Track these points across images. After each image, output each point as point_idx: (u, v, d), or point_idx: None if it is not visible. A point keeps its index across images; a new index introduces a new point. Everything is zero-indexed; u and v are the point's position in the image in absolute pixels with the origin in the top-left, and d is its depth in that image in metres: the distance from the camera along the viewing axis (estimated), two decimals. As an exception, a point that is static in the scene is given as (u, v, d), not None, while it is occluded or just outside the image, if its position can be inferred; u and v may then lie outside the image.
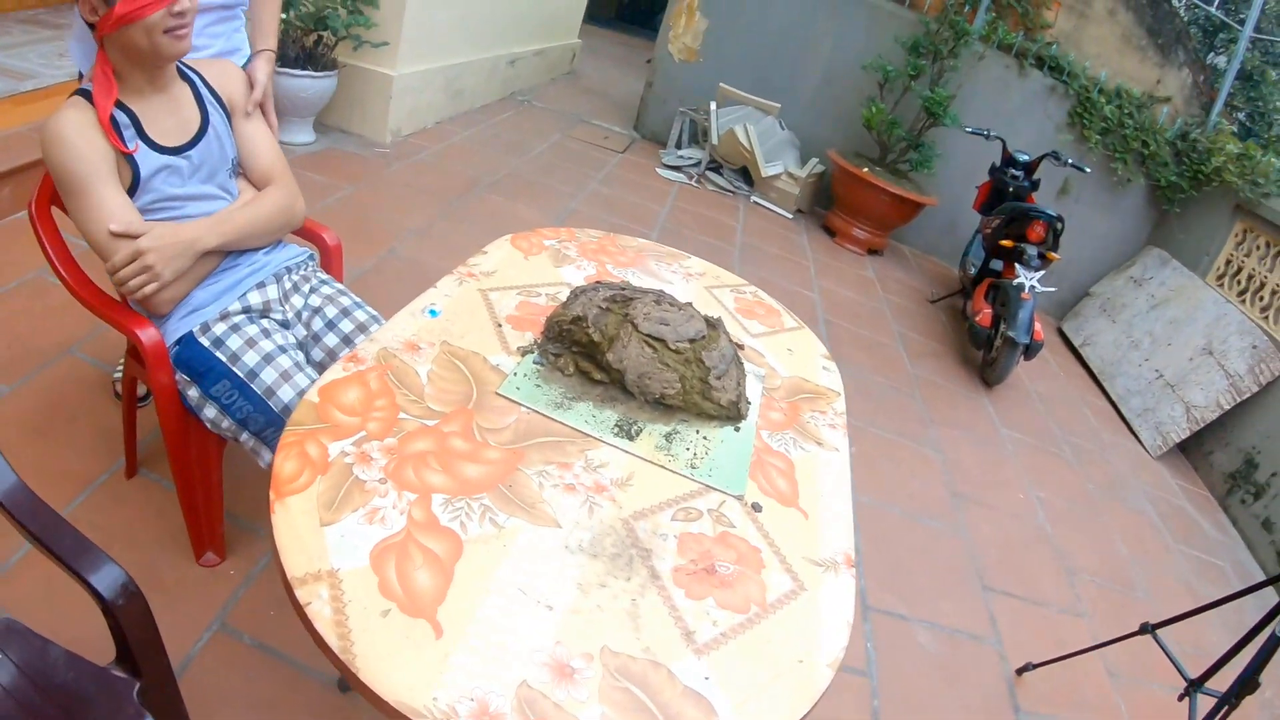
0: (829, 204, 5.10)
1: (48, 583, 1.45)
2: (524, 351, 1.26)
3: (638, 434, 1.15)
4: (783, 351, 1.53)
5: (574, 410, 1.16)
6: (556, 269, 1.58)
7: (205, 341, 1.39)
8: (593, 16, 10.91)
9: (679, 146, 5.35)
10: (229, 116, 1.51)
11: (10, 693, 0.93)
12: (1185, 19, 5.23)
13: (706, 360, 1.22)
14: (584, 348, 1.24)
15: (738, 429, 1.24)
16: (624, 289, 1.32)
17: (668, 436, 1.17)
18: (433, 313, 1.31)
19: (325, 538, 0.85)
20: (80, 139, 1.26)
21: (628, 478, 1.06)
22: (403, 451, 0.99)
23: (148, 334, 1.34)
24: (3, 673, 0.95)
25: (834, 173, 4.93)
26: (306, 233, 1.69)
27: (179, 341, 1.40)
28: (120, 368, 1.98)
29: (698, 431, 1.20)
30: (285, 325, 1.52)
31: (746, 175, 5.17)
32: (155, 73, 1.35)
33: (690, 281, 1.70)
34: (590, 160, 4.90)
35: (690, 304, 1.33)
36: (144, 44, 1.27)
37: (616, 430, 1.14)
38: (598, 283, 1.36)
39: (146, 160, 1.33)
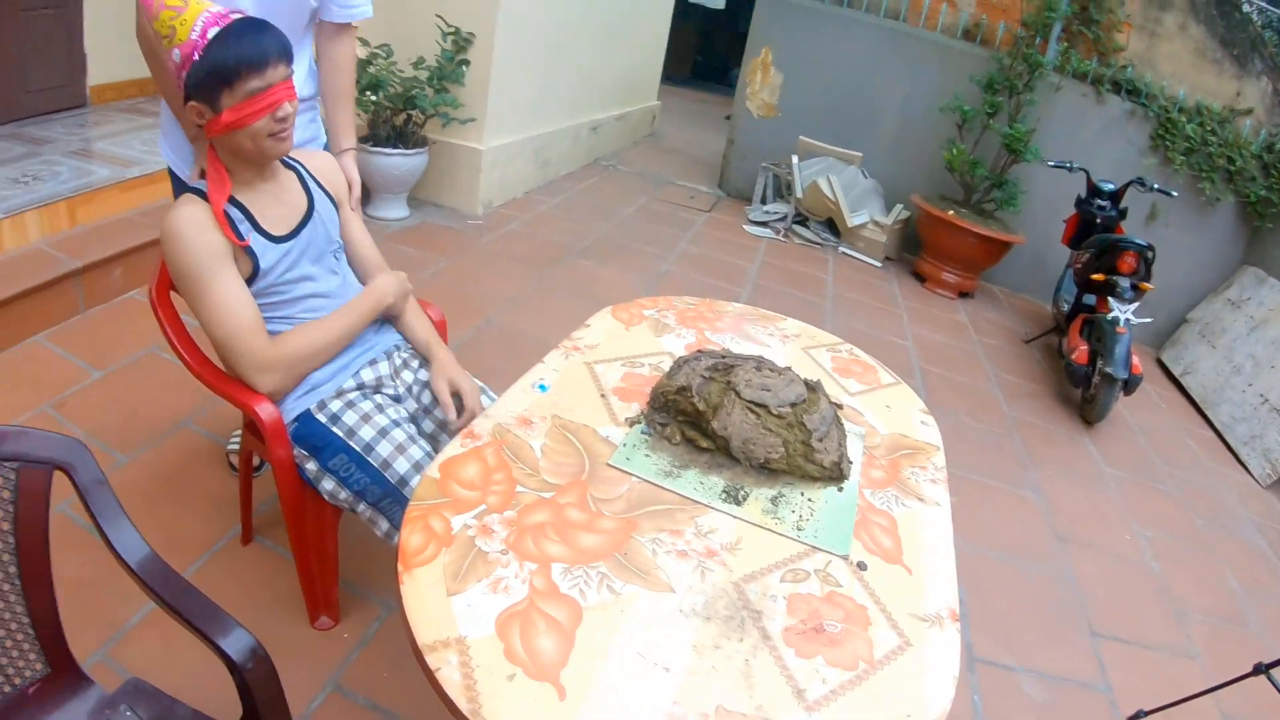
0: (917, 249, 5.06)
1: (166, 644, 1.56)
2: (631, 422, 1.32)
3: (745, 499, 1.18)
4: (881, 408, 1.54)
5: (683, 478, 1.20)
6: (657, 338, 1.64)
7: (322, 418, 1.48)
8: (669, 76, 11.14)
9: (764, 202, 5.42)
10: (335, 204, 1.63)
11: None
12: (1259, 25, 5.01)
13: (808, 423, 1.24)
14: (689, 417, 1.29)
15: (841, 489, 1.26)
16: (725, 357, 1.37)
17: (774, 500, 1.19)
18: (542, 388, 1.38)
19: (452, 607, 0.91)
20: (198, 236, 1.36)
21: (736, 542, 1.09)
22: (522, 523, 1.05)
23: (267, 411, 1.43)
24: (122, 713, 1.03)
25: (919, 218, 4.90)
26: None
27: (297, 418, 1.49)
28: (234, 440, 2.12)
29: (802, 494, 1.22)
30: (397, 399, 1.60)
31: (833, 226, 5.18)
32: (260, 168, 1.46)
33: (787, 344, 1.73)
34: (678, 221, 5.01)
35: (789, 368, 1.37)
36: (249, 146, 1.38)
37: (724, 496, 1.18)
38: (699, 351, 1.41)
39: (264, 252, 1.44)
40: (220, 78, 1.30)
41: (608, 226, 4.63)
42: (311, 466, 1.48)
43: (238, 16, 1.35)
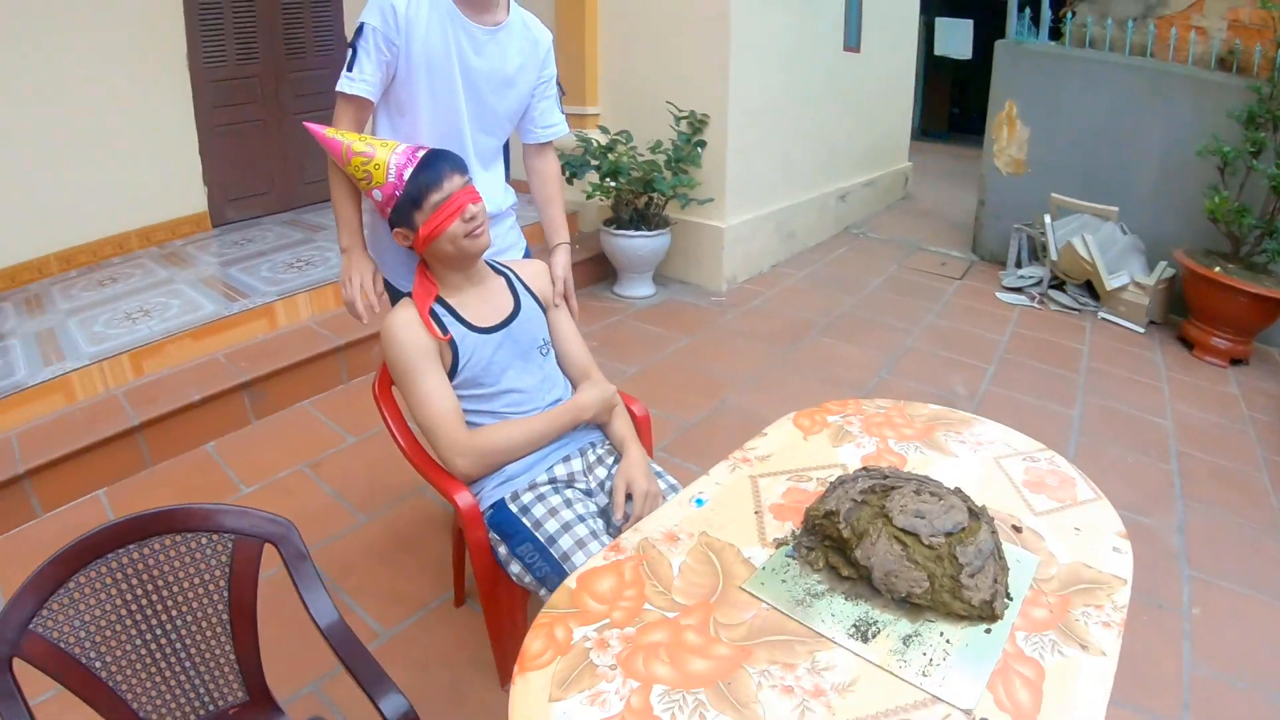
0: (1184, 311, 4.37)
1: (351, 695, 1.76)
2: (779, 544, 1.31)
3: (874, 635, 1.12)
4: (1068, 531, 1.37)
5: (814, 608, 1.17)
6: (834, 449, 1.61)
7: (514, 508, 1.63)
8: (925, 132, 10.58)
9: (1018, 266, 5.01)
10: (542, 308, 1.80)
11: None
12: None
13: (960, 556, 1.15)
14: (835, 542, 1.25)
15: (989, 630, 1.14)
16: (886, 478, 1.31)
17: (906, 639, 1.12)
18: (699, 502, 1.42)
19: (550, 713, 0.97)
20: (407, 335, 1.59)
21: (851, 682, 1.04)
22: (639, 641, 1.09)
23: (464, 499, 1.62)
24: None
25: (1184, 275, 4.23)
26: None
27: (493, 505, 1.66)
28: None
29: (941, 633, 1.13)
30: (588, 494, 1.71)
31: (1092, 290, 4.65)
32: (468, 270, 1.67)
33: (979, 452, 1.61)
34: (926, 291, 4.80)
35: (957, 490, 1.28)
36: (451, 249, 1.60)
37: (852, 631, 1.13)
38: (862, 470, 1.37)
39: (465, 342, 1.64)
40: (411, 203, 1.57)
41: (853, 300, 4.54)
42: (503, 550, 1.64)
43: (422, 152, 1.61)
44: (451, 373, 1.64)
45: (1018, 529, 1.35)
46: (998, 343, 4.10)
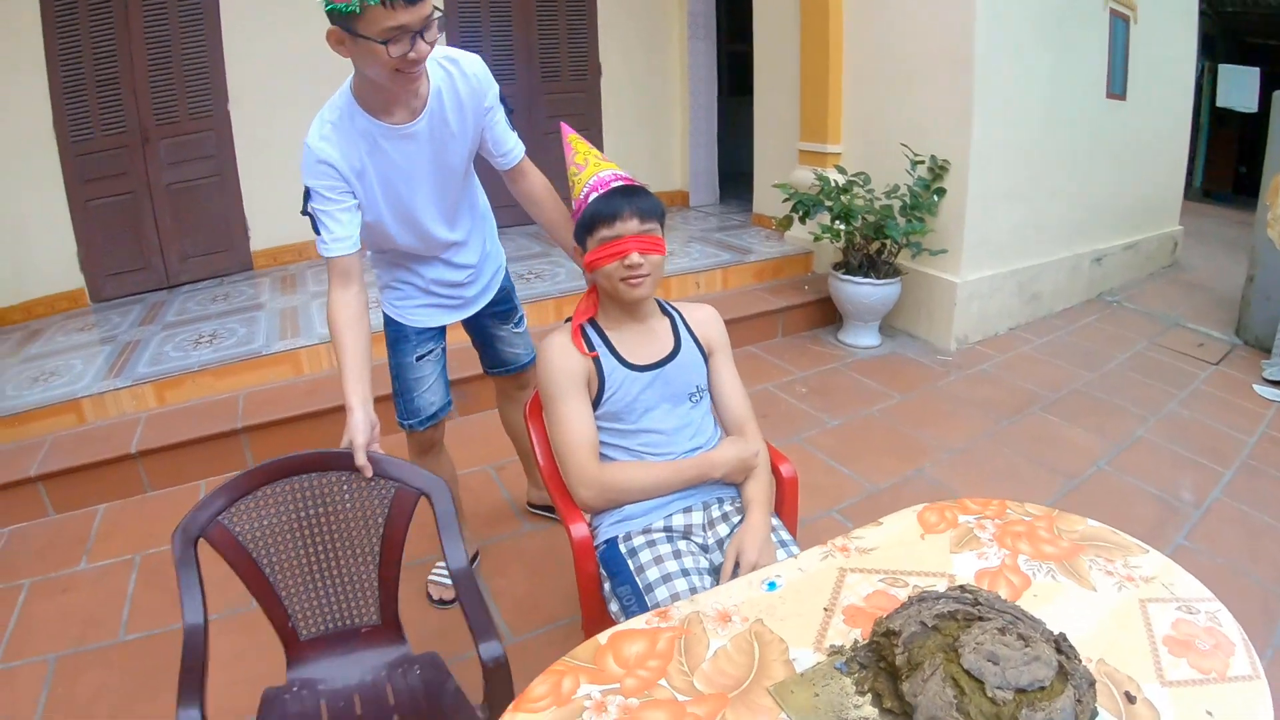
0: None
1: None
2: (833, 652, 1.19)
3: None
4: (1198, 714, 1.09)
5: None
6: (952, 554, 1.43)
7: (624, 548, 1.64)
8: (1206, 193, 9.04)
9: (1286, 356, 4.10)
10: (704, 354, 1.78)
11: (407, 689, 1.54)
12: None
13: None
14: (890, 668, 1.12)
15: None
16: (976, 604, 1.15)
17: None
18: (771, 586, 1.33)
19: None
20: (558, 358, 1.65)
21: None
22: (636, 715, 1.05)
23: (578, 530, 1.65)
24: (413, 678, 1.57)
25: None
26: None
27: (606, 541, 1.68)
28: (437, 570, 2.45)
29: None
30: (704, 549, 1.67)
31: None
32: (627, 306, 1.69)
33: (1124, 590, 1.33)
34: (1175, 374, 4.11)
35: (1058, 638, 1.08)
36: (606, 285, 1.65)
37: None
38: (957, 588, 1.21)
39: (613, 375, 1.67)
40: (585, 227, 1.64)
41: (1091, 376, 4.01)
42: (606, 586, 1.66)
43: (616, 183, 1.66)
44: (596, 401, 1.68)
45: (1131, 698, 1.11)
46: (1243, 444, 3.38)
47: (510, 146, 2.00)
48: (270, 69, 4.63)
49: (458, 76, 1.82)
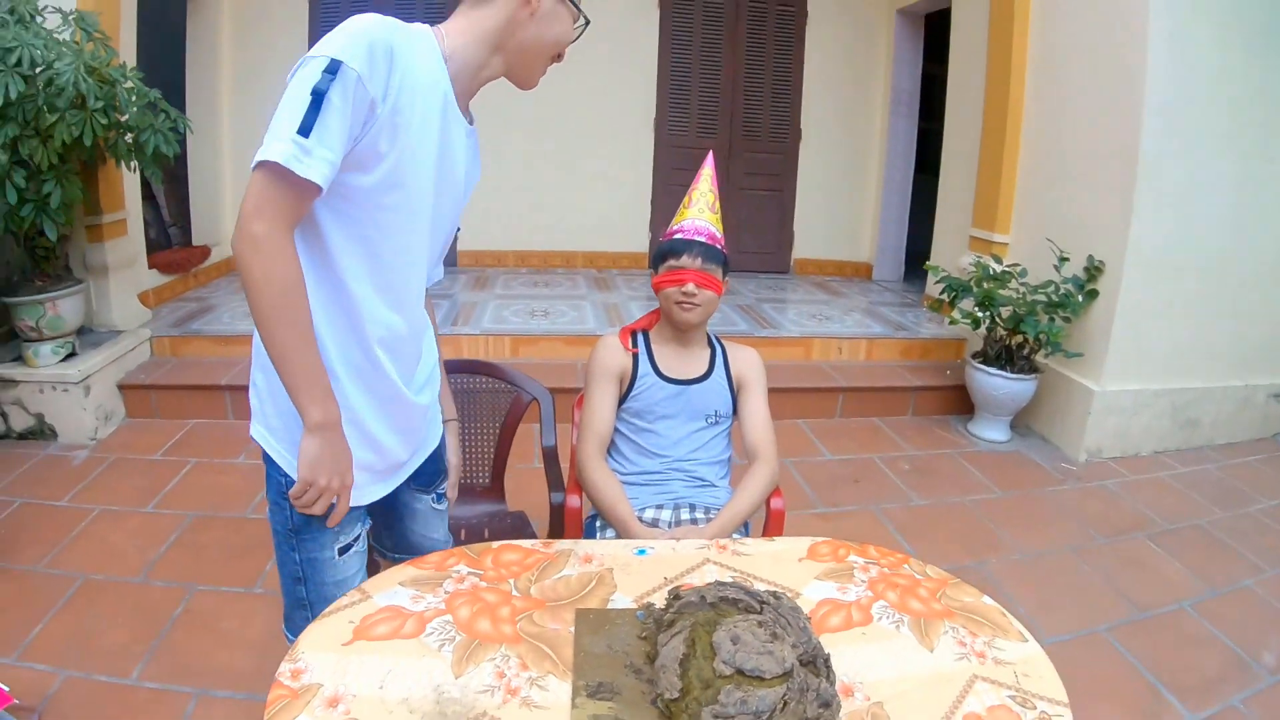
0: None
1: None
2: (644, 603, 1.40)
3: (605, 697, 1.19)
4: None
5: (595, 662, 1.27)
6: (813, 579, 1.53)
7: (597, 524, 2.00)
8: None
9: None
10: (733, 389, 2.05)
11: (500, 531, 2.26)
12: None
13: (723, 697, 1.09)
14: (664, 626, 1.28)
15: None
16: (763, 605, 1.26)
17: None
18: (641, 552, 1.56)
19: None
20: (603, 355, 2.02)
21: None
22: (475, 590, 1.36)
23: (572, 501, 2.08)
24: (505, 524, 2.32)
25: None
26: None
27: (590, 516, 2.03)
28: None
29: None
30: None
31: None
32: (678, 328, 2.01)
33: (962, 662, 1.30)
34: None
35: (815, 653, 1.18)
36: (665, 306, 2.00)
37: (593, 688, 1.21)
38: (768, 593, 1.31)
39: (645, 378, 2.00)
40: (660, 255, 2.00)
41: (1221, 515, 3.61)
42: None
43: (692, 236, 1.95)
44: (626, 394, 2.02)
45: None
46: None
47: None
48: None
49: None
